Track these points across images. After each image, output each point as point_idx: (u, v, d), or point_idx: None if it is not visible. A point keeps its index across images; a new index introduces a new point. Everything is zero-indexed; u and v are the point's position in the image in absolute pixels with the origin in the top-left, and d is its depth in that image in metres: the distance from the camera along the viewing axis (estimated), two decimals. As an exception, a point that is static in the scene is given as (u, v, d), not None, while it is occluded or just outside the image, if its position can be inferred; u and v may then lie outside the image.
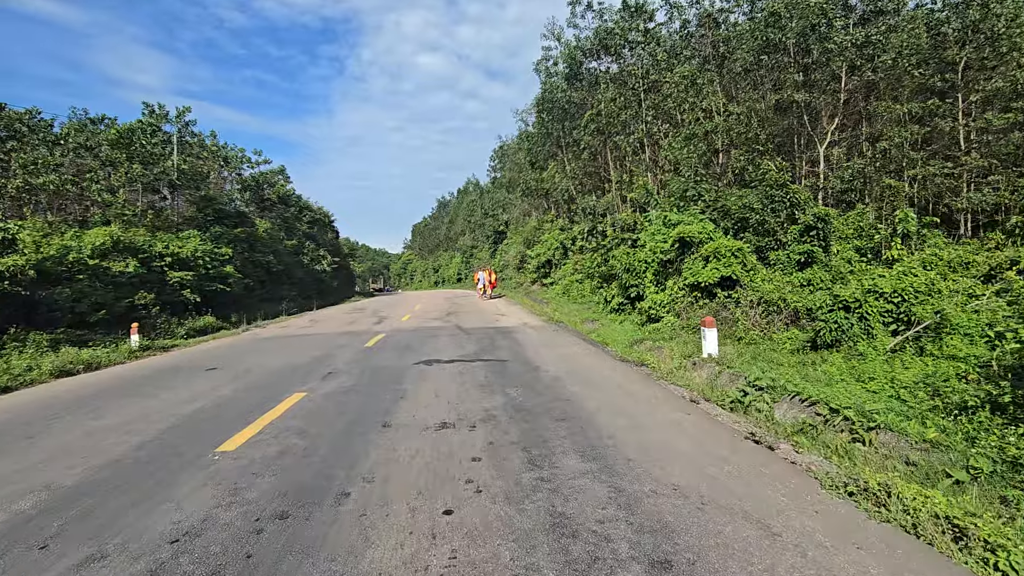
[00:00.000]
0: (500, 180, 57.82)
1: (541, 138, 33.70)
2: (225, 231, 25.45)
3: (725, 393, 6.91)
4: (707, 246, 13.22)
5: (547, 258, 30.82)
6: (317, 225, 44.97)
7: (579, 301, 21.38)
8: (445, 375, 7.47)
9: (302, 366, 8.72)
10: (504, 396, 6.07)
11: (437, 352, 9.73)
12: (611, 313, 16.24)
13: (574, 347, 10.30)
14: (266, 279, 26.99)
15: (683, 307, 13.10)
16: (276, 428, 5.05)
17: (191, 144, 32.56)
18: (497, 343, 10.81)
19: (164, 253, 17.64)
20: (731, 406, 6.23)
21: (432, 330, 13.58)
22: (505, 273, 45.82)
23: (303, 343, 12.03)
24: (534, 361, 8.51)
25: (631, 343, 11.78)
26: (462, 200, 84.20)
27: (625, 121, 25.41)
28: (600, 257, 21.24)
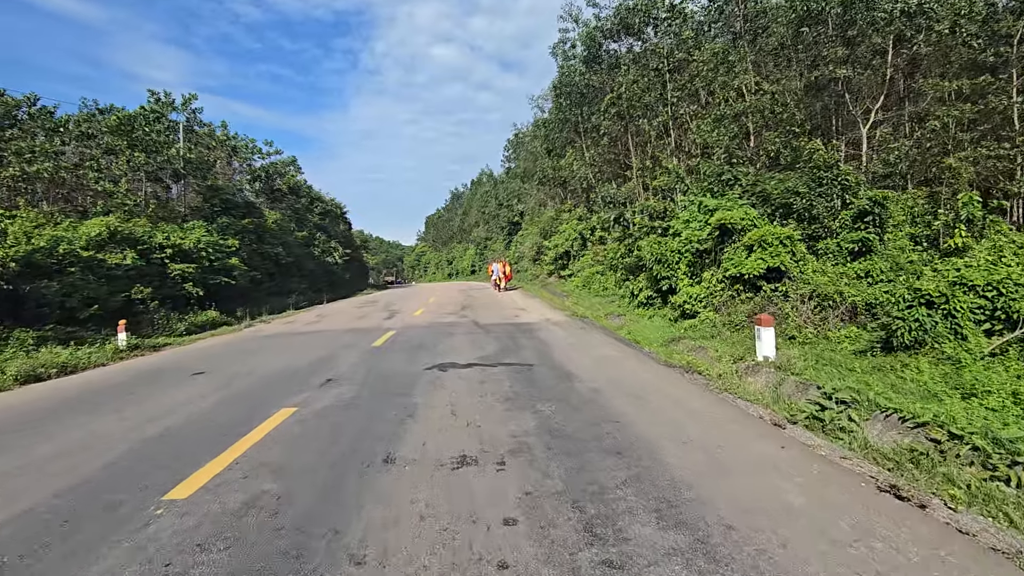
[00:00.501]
0: (514, 170, 56.47)
1: (558, 124, 32.29)
2: (232, 222, 24.58)
3: (795, 406, 5.70)
4: (751, 234, 11.92)
5: (565, 249, 29.56)
6: (329, 217, 44.10)
7: (601, 294, 20.15)
8: (462, 384, 6.33)
9: (300, 370, 7.65)
10: (536, 415, 4.92)
11: (453, 353, 8.61)
12: (638, 307, 15.01)
13: (606, 347, 9.10)
14: (275, 271, 26.10)
15: (722, 301, 11.84)
16: (249, 462, 3.95)
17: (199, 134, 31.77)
18: (519, 342, 9.65)
19: (165, 245, 16.73)
20: (805, 422, 5.04)
21: (447, 327, 12.47)
22: (520, 265, 44.62)
23: (306, 342, 11.00)
24: (564, 366, 7.34)
25: (666, 342, 10.59)
26: (476, 191, 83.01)
27: (649, 104, 23.96)
28: (624, 247, 19.95)
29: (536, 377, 6.63)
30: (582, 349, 8.86)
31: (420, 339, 10.51)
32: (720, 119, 18.92)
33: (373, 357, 8.56)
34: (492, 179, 73.12)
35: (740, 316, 10.90)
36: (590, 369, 7.08)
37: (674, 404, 5.26)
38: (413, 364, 7.79)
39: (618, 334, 11.53)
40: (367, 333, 11.86)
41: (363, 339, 10.84)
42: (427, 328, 12.37)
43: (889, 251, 11.65)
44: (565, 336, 10.52)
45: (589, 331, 11.47)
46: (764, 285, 11.35)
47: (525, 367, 7.29)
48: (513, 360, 7.82)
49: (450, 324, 13.01)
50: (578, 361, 7.70)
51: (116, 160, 19.85)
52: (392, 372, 7.25)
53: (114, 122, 18.93)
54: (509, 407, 5.23)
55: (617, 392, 5.75)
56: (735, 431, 4.41)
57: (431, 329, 12.11)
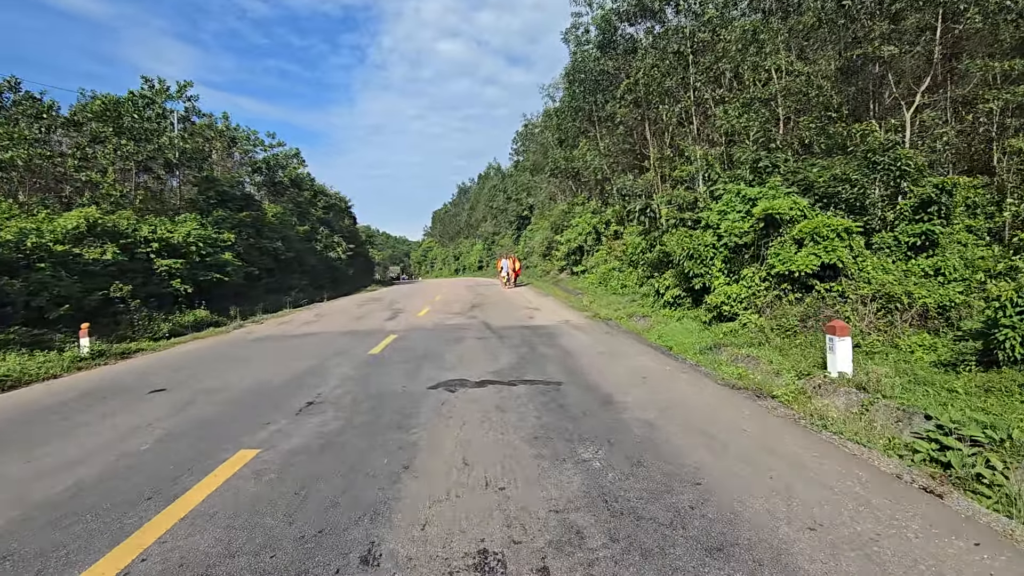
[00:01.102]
0: (523, 163, 54.97)
1: (571, 113, 30.75)
2: (229, 215, 23.35)
3: (898, 441, 4.33)
4: (801, 225, 10.51)
5: (578, 244, 28.12)
6: (333, 211, 42.89)
7: (620, 292, 18.74)
8: (475, 411, 4.98)
9: (279, 388, 6.33)
10: (580, 468, 3.55)
11: (462, 365, 7.26)
12: (664, 308, 13.61)
13: (642, 358, 7.71)
14: (274, 267, 24.88)
15: (766, 303, 10.44)
16: (160, 561, 2.62)
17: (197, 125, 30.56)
18: (539, 351, 8.28)
19: (151, 239, 15.49)
20: (915, 459, 3.69)
21: (455, 329, 11.13)
22: (530, 260, 43.22)
23: (297, 347, 9.70)
24: (599, 384, 5.97)
25: (705, 349, 9.21)
26: (483, 186, 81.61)
27: (669, 89, 22.45)
28: (646, 242, 18.51)
29: (568, 401, 5.26)
30: (614, 360, 7.47)
31: (425, 345, 9.17)
32: (749, 103, 17.43)
33: (369, 369, 7.23)
34: (500, 173, 71.67)
35: (791, 320, 9.50)
36: (632, 389, 5.70)
37: (763, 449, 3.87)
38: (415, 380, 6.44)
39: (648, 339, 10.15)
40: (366, 337, 10.54)
41: (360, 344, 9.52)
42: (433, 331, 11.03)
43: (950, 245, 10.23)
44: (590, 343, 9.13)
45: (616, 336, 10.09)
46: (817, 284, 9.95)
47: (551, 386, 5.92)
48: (536, 376, 6.46)
49: (458, 327, 11.67)
50: (614, 377, 6.32)
51: (102, 148, 18.61)
52: (389, 392, 5.91)
53: (98, 107, 17.69)
54: (541, 452, 3.87)
55: (678, 427, 4.38)
56: (878, 506, 3.01)
57: (437, 332, 10.77)
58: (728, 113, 17.80)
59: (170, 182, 23.23)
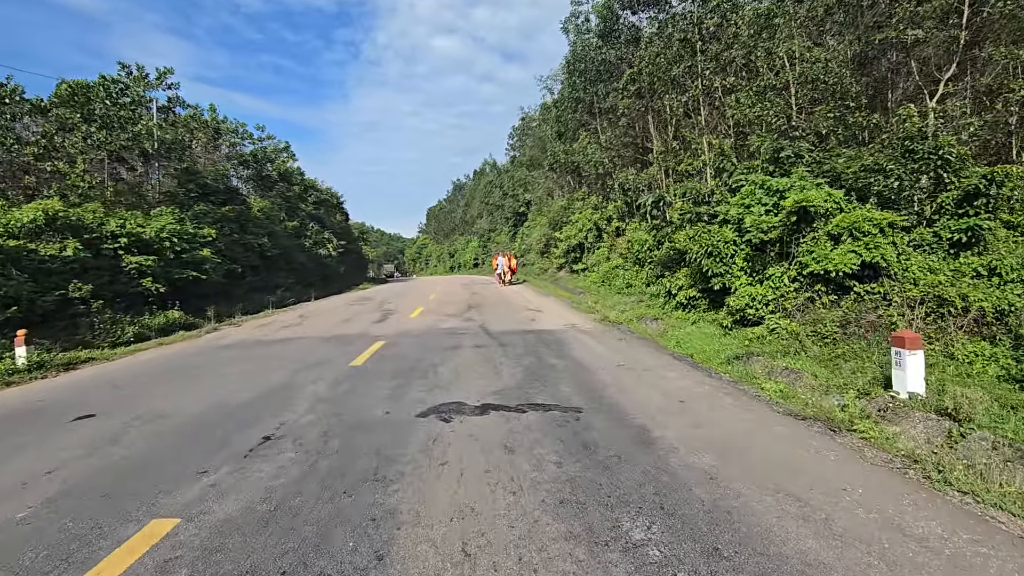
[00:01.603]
0: (520, 159, 53.74)
1: (570, 104, 29.57)
2: (211, 209, 22.04)
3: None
4: (837, 220, 9.43)
5: (578, 241, 26.99)
6: (324, 206, 41.51)
7: (625, 292, 17.63)
8: (477, 456, 3.83)
9: (234, 413, 5.16)
10: (632, 563, 2.42)
11: (458, 382, 6.11)
12: (677, 310, 12.52)
13: (670, 372, 6.59)
14: (259, 264, 23.58)
15: (796, 306, 9.35)
16: None
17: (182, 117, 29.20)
18: (547, 361, 7.15)
19: (119, 233, 14.21)
20: None
21: (450, 335, 9.98)
22: (527, 258, 42.09)
23: (269, 356, 8.51)
24: (628, 410, 4.85)
25: (731, 358, 8.12)
26: (479, 182, 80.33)
27: (675, 78, 21.33)
28: (654, 239, 17.40)
29: (593, 437, 4.13)
30: (638, 376, 6.34)
31: (415, 355, 8.00)
32: (763, 91, 16.35)
33: (348, 387, 6.06)
34: (496, 169, 70.43)
35: (829, 326, 8.42)
36: (671, 419, 4.58)
37: (886, 526, 2.74)
38: (401, 403, 5.29)
39: (666, 347, 9.05)
40: (349, 343, 9.36)
41: (342, 353, 8.34)
42: (425, 337, 9.86)
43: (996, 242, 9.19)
44: (605, 353, 7.99)
45: (632, 344, 8.96)
46: (856, 286, 8.88)
47: (570, 414, 4.78)
48: (548, 398, 5.32)
49: (454, 331, 10.50)
50: (644, 400, 5.20)
51: (72, 137, 17.26)
52: (368, 421, 4.75)
53: (65, 92, 16.34)
54: (571, 529, 2.73)
55: (751, 483, 3.25)
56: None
57: (430, 339, 9.60)
58: (740, 102, 16.71)
59: (150, 174, 21.89)
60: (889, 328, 7.79)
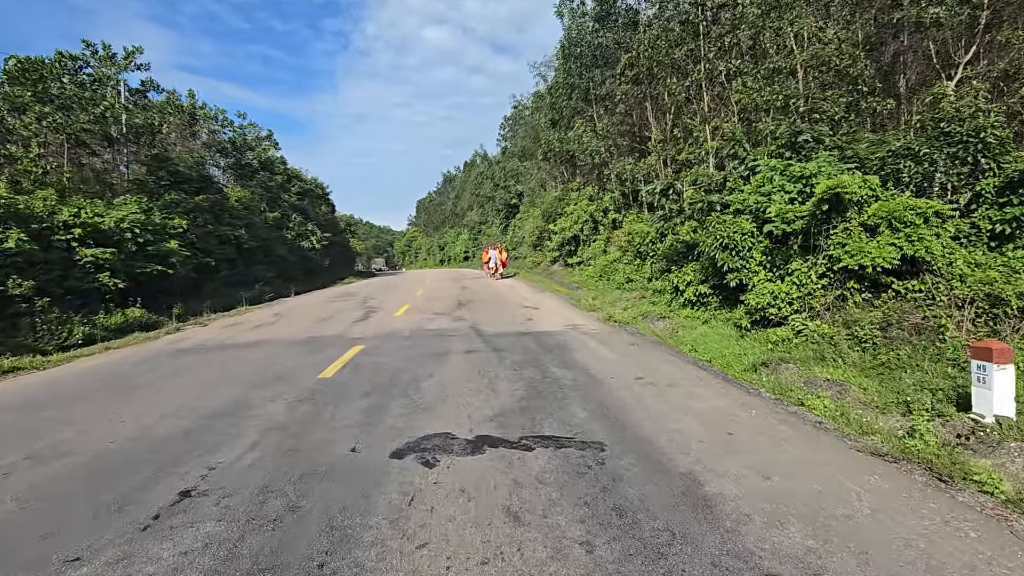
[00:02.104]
0: (512, 150, 52.43)
1: (565, 90, 28.33)
2: (183, 198, 20.64)
3: None
4: (874, 208, 8.39)
5: (573, 233, 25.87)
6: (308, 197, 40.01)
7: (625, 287, 16.56)
8: (469, 529, 2.69)
9: (157, 452, 3.99)
10: None
11: (446, 402, 4.99)
12: (685, 307, 11.47)
13: (701, 388, 5.50)
14: (236, 258, 22.21)
15: (825, 305, 8.33)
16: None
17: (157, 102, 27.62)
18: (552, 373, 6.03)
19: (72, 223, 12.86)
20: None
21: (437, 337, 8.83)
22: (519, 251, 40.96)
23: (226, 365, 7.32)
24: (664, 447, 3.75)
25: (756, 364, 7.08)
26: (469, 173, 78.90)
27: (677, 60, 20.21)
28: (655, 231, 16.32)
29: (630, 497, 3.02)
30: (662, 392, 5.24)
31: (396, 363, 6.86)
32: (772, 74, 15.31)
33: (309, 409, 4.92)
34: (487, 160, 69.03)
35: (867, 328, 7.38)
36: (724, 461, 3.48)
37: None
38: (373, 435, 4.16)
39: (682, 351, 7.99)
40: (322, 348, 8.18)
41: (312, 361, 7.18)
42: (409, 340, 8.70)
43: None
44: (616, 359, 6.89)
45: (644, 348, 7.86)
46: (895, 283, 7.85)
47: (590, 452, 3.68)
48: (559, 426, 4.21)
49: (442, 333, 9.36)
50: (682, 431, 4.10)
51: (24, 118, 15.78)
52: (325, 465, 3.61)
53: (14, 68, 14.86)
54: None
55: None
56: None
57: (415, 342, 8.45)
58: (748, 86, 15.64)
59: (117, 161, 20.39)
60: (936, 331, 6.77)
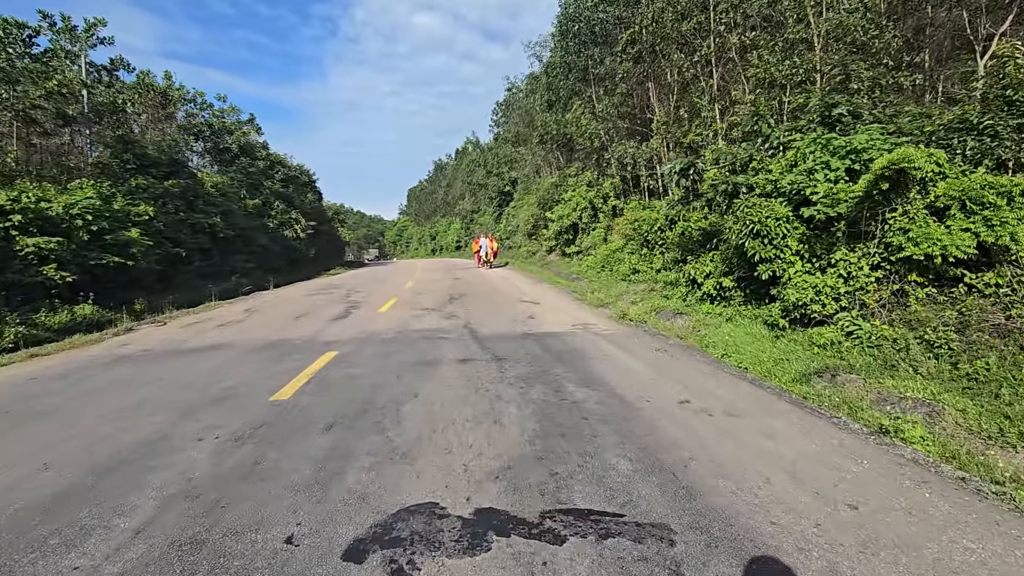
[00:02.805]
0: (505, 135, 50.74)
1: (562, 69, 26.79)
2: (152, 183, 19.05)
3: None
4: (944, 186, 7.13)
5: (572, 221, 24.51)
6: (293, 184, 38.23)
7: (631, 279, 15.26)
8: None
9: (8, 527, 2.67)
10: None
11: (429, 444, 3.64)
12: (704, 302, 10.19)
13: (774, 420, 4.19)
14: (211, 247, 20.64)
15: (880, 302, 7.09)
16: None
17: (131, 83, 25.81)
18: (567, 390, 4.72)
19: (10, 209, 11.32)
20: None
21: (425, 340, 7.49)
22: (514, 240, 39.53)
23: (164, 381, 5.94)
24: (767, 536, 2.46)
25: (806, 375, 5.85)
26: (461, 161, 77.04)
27: (684, 35, 18.78)
28: (664, 217, 14.99)
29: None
30: (723, 427, 3.94)
31: (372, 378, 5.52)
32: (791, 46, 13.97)
33: (245, 457, 3.56)
34: (479, 147, 67.21)
35: (942, 332, 6.13)
36: (869, 565, 2.22)
37: None
38: (325, 509, 2.82)
39: (716, 357, 6.72)
40: (287, 356, 6.82)
41: (269, 376, 5.82)
42: (392, 345, 7.35)
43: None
44: (647, 373, 5.58)
45: (675, 356, 6.55)
46: (966, 275, 6.60)
47: (651, 543, 2.38)
48: (595, 492, 2.89)
49: (431, 334, 8.00)
50: (780, 501, 2.81)
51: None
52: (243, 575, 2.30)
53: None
54: None
55: None
56: None
57: (398, 348, 7.11)
58: (764, 59, 14.28)
59: (76, 142, 18.70)
60: None
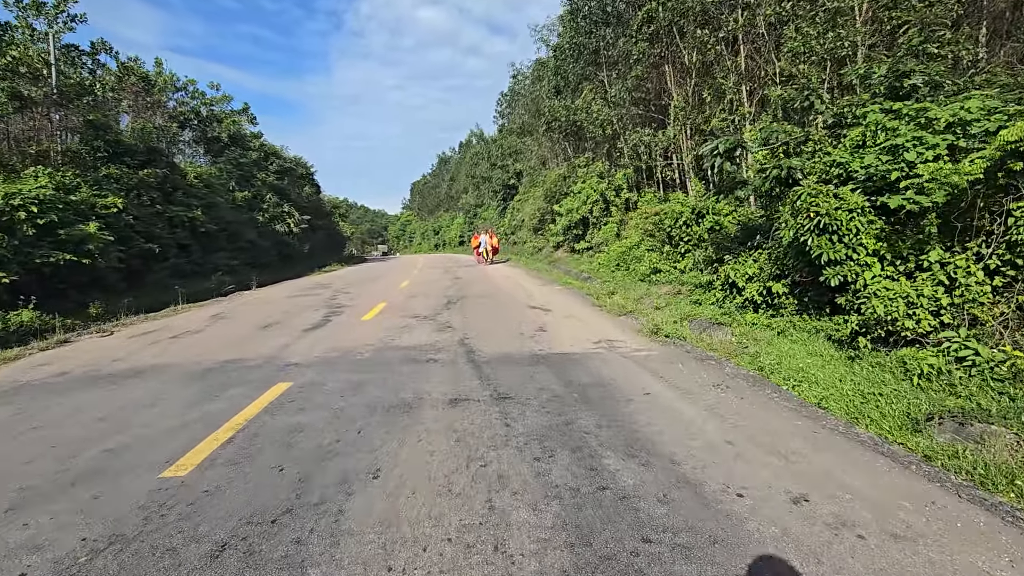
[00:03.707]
0: (509, 126, 48.86)
1: (572, 51, 24.96)
2: (124, 173, 17.45)
3: None
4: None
5: (582, 215, 22.73)
6: (288, 176, 36.58)
7: (651, 279, 13.53)
8: None
9: None
10: None
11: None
12: (746, 310, 8.46)
13: (969, 548, 2.52)
14: (191, 243, 19.00)
15: (1003, 319, 5.34)
16: None
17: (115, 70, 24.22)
18: (605, 469, 3.03)
19: (-66, 199, 9.72)
20: None
21: (408, 364, 5.80)
22: (519, 235, 37.79)
23: (40, 432, 4.29)
24: None
25: (908, 422, 4.05)
26: (464, 154, 75.23)
27: (707, 8, 16.99)
28: (690, 211, 13.22)
29: None
30: (900, 566, 2.29)
31: (323, 434, 3.85)
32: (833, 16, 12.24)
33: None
34: (483, 140, 65.32)
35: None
36: None
37: None
38: None
39: (787, 389, 4.98)
40: (225, 389, 5.16)
41: (183, 423, 4.17)
42: (365, 371, 5.66)
43: None
44: (721, 434, 3.85)
45: (747, 398, 4.81)
46: None
47: None
48: None
49: (418, 355, 6.32)
50: None
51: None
52: None
53: None
54: None
55: None
56: None
57: (372, 376, 5.42)
58: (803, 31, 12.50)
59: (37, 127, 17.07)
60: None
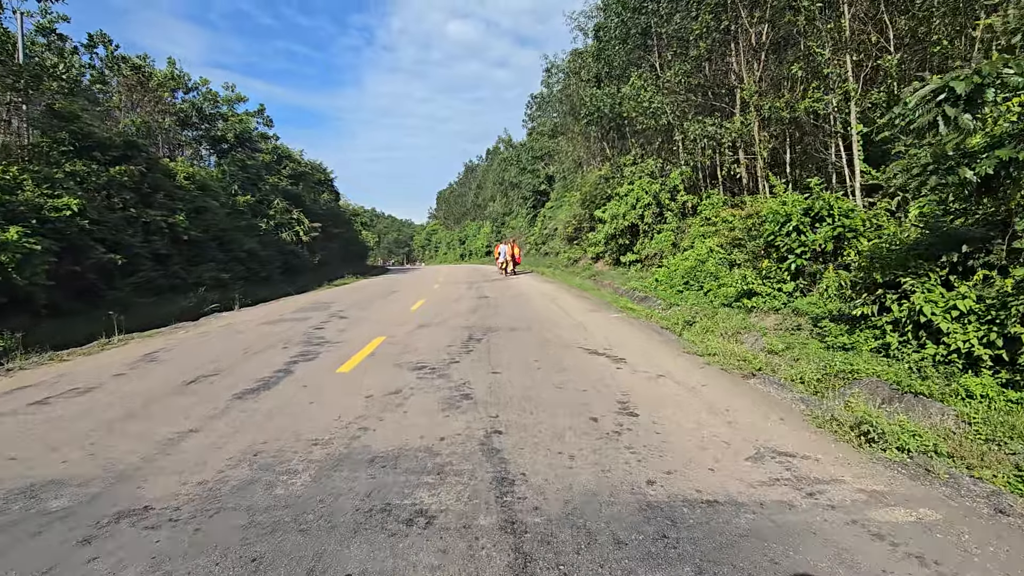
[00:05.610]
0: (540, 128, 45.69)
1: (618, 33, 21.58)
2: (94, 169, 14.81)
3: None
4: None
5: (631, 221, 19.18)
6: (304, 182, 34.07)
7: (740, 305, 9.93)
8: None
9: None
10: None
11: None
12: (961, 373, 4.69)
13: None
14: (171, 253, 16.19)
15: None
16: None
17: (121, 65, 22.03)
18: None
19: None
20: None
21: (361, 537, 2.50)
22: (550, 246, 34.38)
23: None
24: None
25: None
26: (492, 161, 72.46)
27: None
28: (800, 213, 9.61)
29: None
30: None
31: None
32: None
33: None
34: (511, 146, 62.35)
35: None
36: None
37: None
38: None
39: None
40: None
41: None
42: (269, 546, 2.36)
43: None
44: None
45: None
46: None
47: None
48: None
49: (397, 488, 2.91)
50: None
51: None
52: None
53: None
54: None
55: None
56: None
57: (274, 571, 2.12)
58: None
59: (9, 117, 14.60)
60: None
